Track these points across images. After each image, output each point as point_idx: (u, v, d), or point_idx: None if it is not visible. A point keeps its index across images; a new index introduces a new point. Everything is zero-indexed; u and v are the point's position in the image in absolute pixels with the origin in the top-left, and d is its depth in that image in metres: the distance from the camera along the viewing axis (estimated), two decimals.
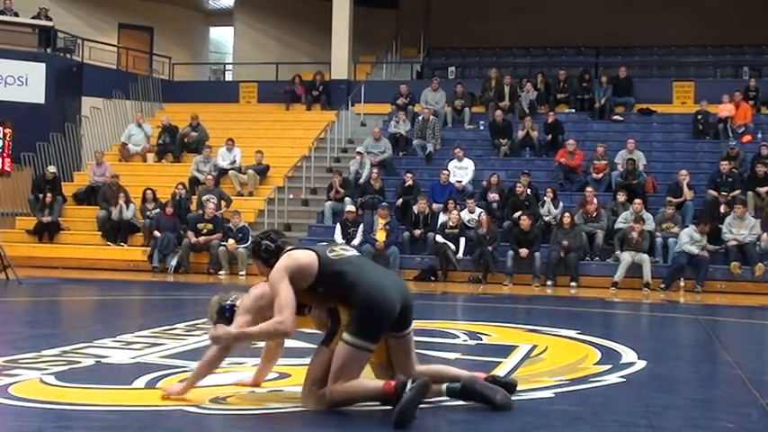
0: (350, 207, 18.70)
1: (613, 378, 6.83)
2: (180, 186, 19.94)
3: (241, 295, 5.83)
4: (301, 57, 27.79)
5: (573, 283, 17.12)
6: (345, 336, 5.32)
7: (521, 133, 21.72)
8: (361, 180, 20.16)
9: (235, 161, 21.55)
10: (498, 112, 22.07)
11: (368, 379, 5.45)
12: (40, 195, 20.55)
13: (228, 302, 5.79)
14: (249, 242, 4.99)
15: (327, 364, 5.39)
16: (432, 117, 22.11)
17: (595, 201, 18.17)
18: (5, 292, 14.03)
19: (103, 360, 7.16)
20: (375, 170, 20.10)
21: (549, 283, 17.29)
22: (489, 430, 5.22)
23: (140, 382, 6.19)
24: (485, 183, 19.69)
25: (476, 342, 8.87)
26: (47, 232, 20.19)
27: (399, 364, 5.61)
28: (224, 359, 5.66)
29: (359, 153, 20.92)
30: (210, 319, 5.88)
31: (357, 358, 5.32)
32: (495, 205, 18.91)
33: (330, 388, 5.30)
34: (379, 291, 5.35)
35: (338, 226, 18.36)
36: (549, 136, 21.53)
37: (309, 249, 5.54)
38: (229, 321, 5.67)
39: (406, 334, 5.56)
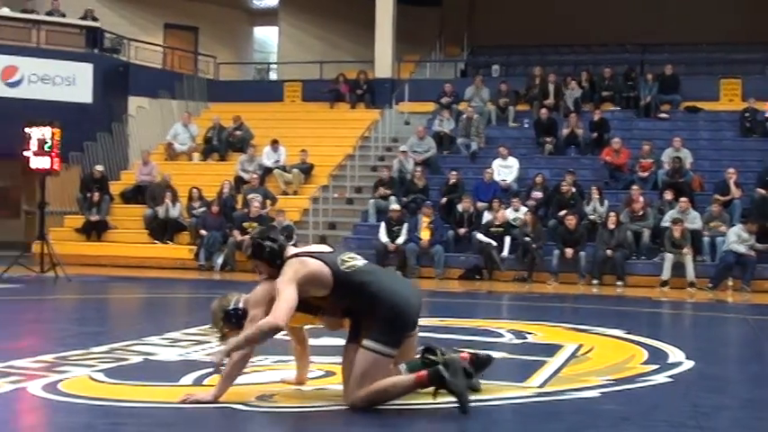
0: (394, 206, 18.70)
1: (661, 378, 6.78)
2: (226, 184, 20.09)
3: (239, 296, 5.81)
4: (345, 56, 27.83)
5: (619, 282, 16.99)
6: (369, 343, 5.34)
7: (565, 131, 21.60)
8: (407, 178, 20.17)
9: (279, 160, 21.64)
10: (543, 111, 21.98)
11: (396, 377, 5.45)
12: (88, 194, 20.78)
13: (232, 307, 5.77)
14: (246, 244, 4.88)
15: None
16: (476, 115, 22.06)
17: (641, 199, 18.02)
18: (55, 290, 14.22)
19: (151, 357, 7.23)
20: (419, 169, 20.11)
21: (594, 282, 17.18)
22: (539, 429, 5.20)
23: (188, 379, 6.25)
24: (530, 181, 19.63)
25: (521, 341, 8.84)
26: (95, 231, 20.41)
27: (401, 359, 5.62)
28: (246, 364, 5.60)
29: (403, 152, 20.93)
30: (215, 326, 5.85)
31: (381, 365, 5.37)
32: (534, 203, 18.83)
33: (357, 394, 5.31)
34: (401, 299, 5.43)
35: (383, 225, 18.37)
36: (595, 134, 21.39)
37: (320, 260, 5.48)
38: (238, 325, 5.66)
39: (414, 334, 5.67)
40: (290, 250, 5.63)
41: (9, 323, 10.25)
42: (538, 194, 19.05)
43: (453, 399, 5.30)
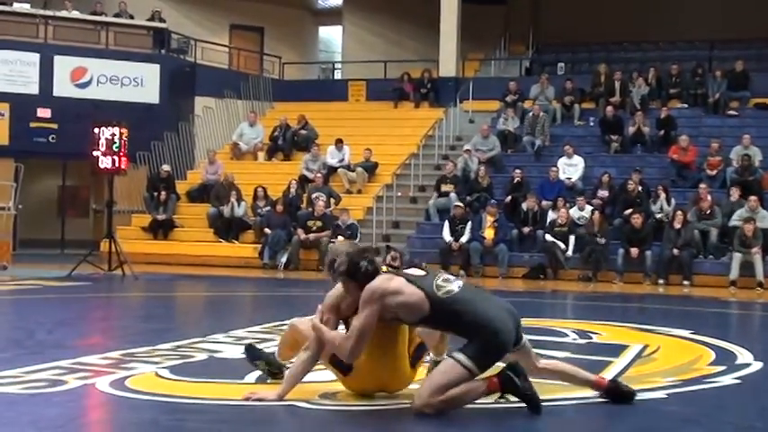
0: (457, 203, 18.66)
1: (728, 379, 6.68)
2: (294, 183, 20.23)
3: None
4: (409, 54, 27.83)
5: (686, 282, 16.77)
6: (462, 357, 5.24)
7: (632, 129, 21.36)
8: (471, 177, 20.13)
9: (343, 159, 21.72)
10: (609, 108, 21.77)
11: (468, 383, 5.41)
12: (155, 193, 21.05)
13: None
14: (340, 263, 4.83)
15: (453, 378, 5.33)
16: (541, 113, 21.94)
17: (709, 198, 17.78)
18: (122, 288, 14.43)
19: (216, 355, 7.29)
20: (482, 167, 20.03)
21: (660, 281, 16.97)
22: (603, 430, 5.15)
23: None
24: (596, 180, 19.45)
25: (586, 341, 8.77)
26: (161, 229, 20.66)
27: (524, 364, 5.55)
28: (312, 366, 5.61)
29: (467, 150, 20.88)
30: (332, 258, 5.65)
31: (465, 380, 5.28)
32: (600, 202, 18.66)
33: (431, 400, 5.22)
34: (502, 326, 5.30)
35: (446, 223, 18.34)
36: (662, 132, 21.13)
37: (415, 285, 5.33)
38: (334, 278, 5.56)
39: (521, 346, 5.56)
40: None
41: (78, 320, 10.43)
42: (604, 193, 18.88)
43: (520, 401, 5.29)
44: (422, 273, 5.54)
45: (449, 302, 5.31)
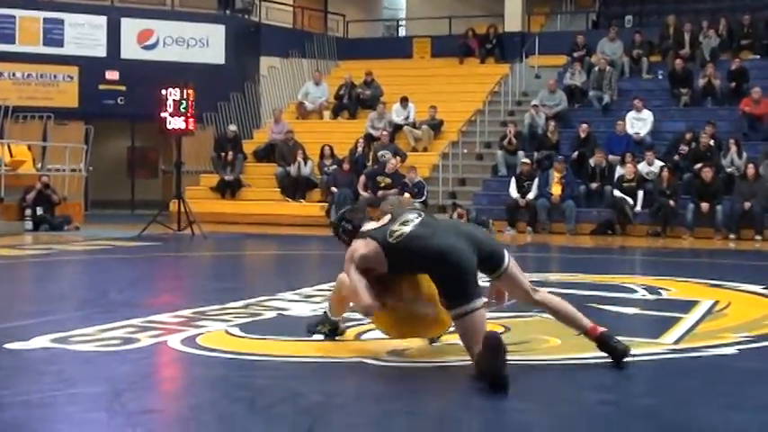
0: (524, 159, 18.54)
1: None
2: (361, 141, 20.26)
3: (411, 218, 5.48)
4: (474, 10, 27.58)
5: (757, 237, 16.51)
6: (452, 312, 5.13)
7: (702, 82, 20.97)
8: (538, 132, 19.98)
9: (409, 117, 21.66)
10: (678, 61, 21.38)
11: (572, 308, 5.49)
12: (222, 153, 21.22)
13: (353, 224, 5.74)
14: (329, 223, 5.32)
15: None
16: (608, 68, 21.63)
17: None
18: (191, 247, 14.62)
19: (284, 313, 7.36)
20: (552, 123, 19.86)
21: (731, 236, 16.73)
22: (673, 385, 5.11)
23: (320, 334, 6.33)
24: (671, 136, 19.13)
25: (655, 297, 8.68)
26: (229, 189, 20.85)
27: (516, 295, 5.56)
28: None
29: (534, 106, 20.71)
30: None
31: (476, 322, 5.07)
32: (678, 158, 18.35)
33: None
34: (453, 248, 5.13)
35: (513, 180, 18.25)
36: (733, 84, 20.72)
37: (370, 238, 5.37)
38: (344, 238, 5.76)
39: (502, 272, 5.36)
40: (366, 226, 5.63)
41: (149, 279, 10.60)
42: (685, 149, 18.52)
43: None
44: (382, 222, 5.57)
45: (402, 245, 5.24)
